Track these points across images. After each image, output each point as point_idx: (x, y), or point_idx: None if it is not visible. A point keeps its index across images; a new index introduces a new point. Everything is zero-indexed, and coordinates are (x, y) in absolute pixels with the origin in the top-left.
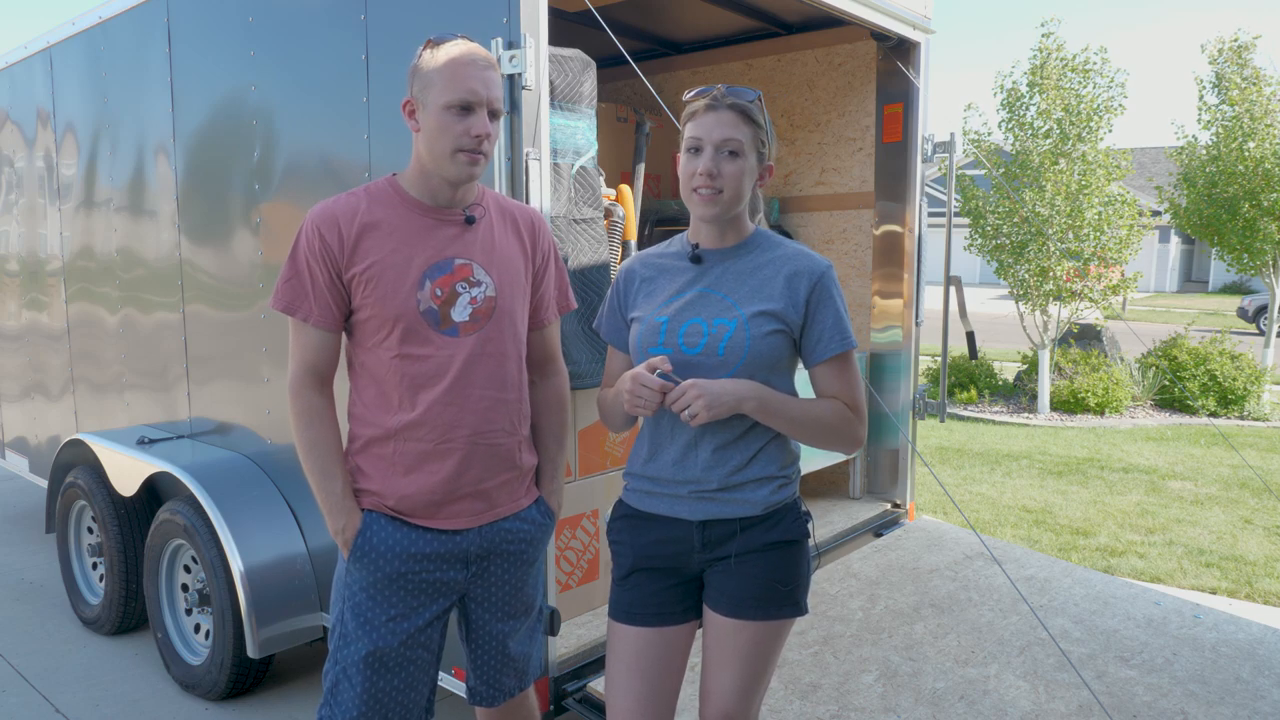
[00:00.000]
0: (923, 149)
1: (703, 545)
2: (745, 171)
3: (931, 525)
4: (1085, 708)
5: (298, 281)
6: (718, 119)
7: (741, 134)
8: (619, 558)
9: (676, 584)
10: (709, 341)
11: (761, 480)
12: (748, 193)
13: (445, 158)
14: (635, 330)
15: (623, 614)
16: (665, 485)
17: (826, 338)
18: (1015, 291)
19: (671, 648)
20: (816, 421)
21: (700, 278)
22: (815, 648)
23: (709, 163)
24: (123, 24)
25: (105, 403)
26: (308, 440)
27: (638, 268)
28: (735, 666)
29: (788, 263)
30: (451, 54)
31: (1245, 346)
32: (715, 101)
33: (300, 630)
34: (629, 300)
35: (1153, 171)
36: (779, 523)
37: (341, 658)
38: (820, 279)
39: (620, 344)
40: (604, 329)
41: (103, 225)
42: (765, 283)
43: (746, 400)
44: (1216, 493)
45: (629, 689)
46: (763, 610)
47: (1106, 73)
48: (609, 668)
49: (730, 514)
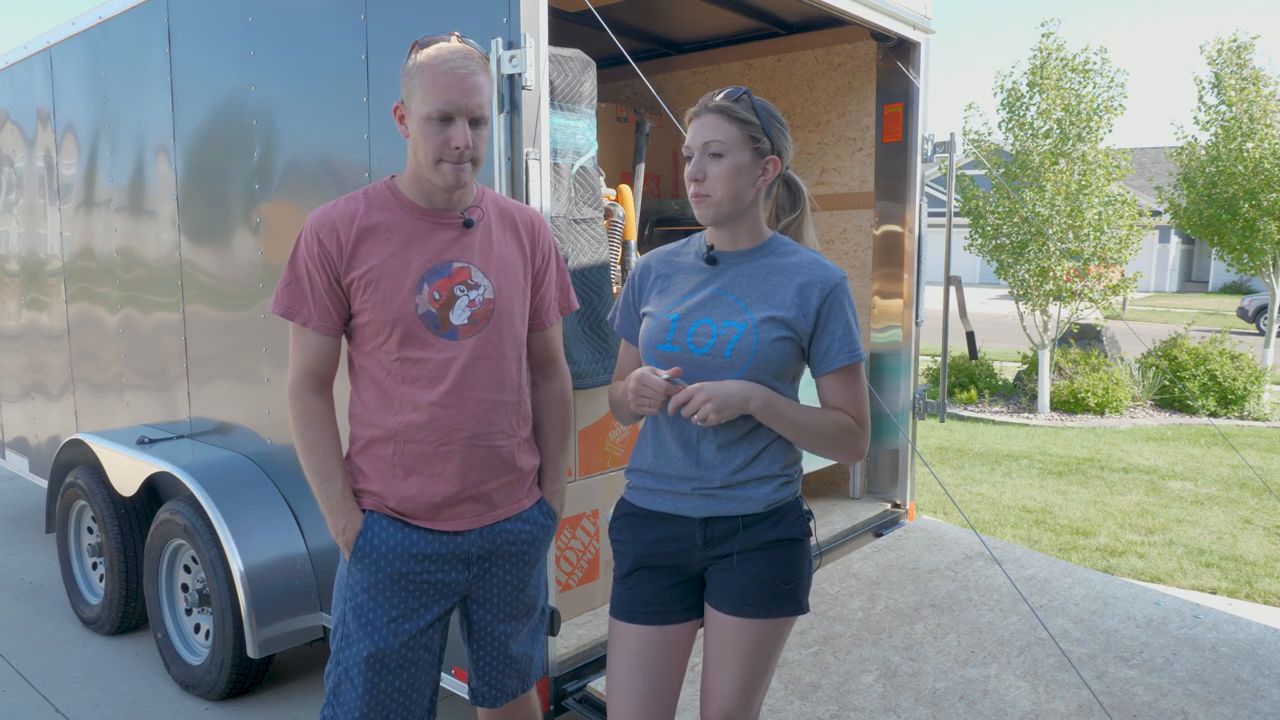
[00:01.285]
0: (923, 149)
1: (705, 543)
2: (733, 171)
3: (931, 525)
4: (1085, 708)
5: (297, 286)
6: (701, 124)
7: (722, 134)
8: (621, 556)
9: (679, 582)
10: (716, 343)
11: (764, 478)
12: (745, 192)
13: (430, 166)
14: (645, 325)
15: (624, 612)
16: (668, 482)
17: (835, 349)
18: (1015, 291)
19: (673, 647)
20: (819, 430)
21: (714, 279)
22: (815, 648)
23: (693, 167)
24: (123, 24)
25: (105, 403)
26: (307, 442)
27: (654, 264)
28: (736, 665)
29: (801, 272)
30: (432, 59)
31: (1245, 346)
32: (701, 108)
33: (300, 630)
34: (643, 295)
35: (1153, 171)
36: (781, 520)
37: (344, 658)
38: (833, 291)
39: (633, 338)
40: (617, 322)
41: (103, 225)
42: (777, 289)
43: (753, 400)
44: (1216, 493)
45: (630, 688)
46: (764, 608)
47: (1106, 73)
48: (610, 666)
49: (732, 511)
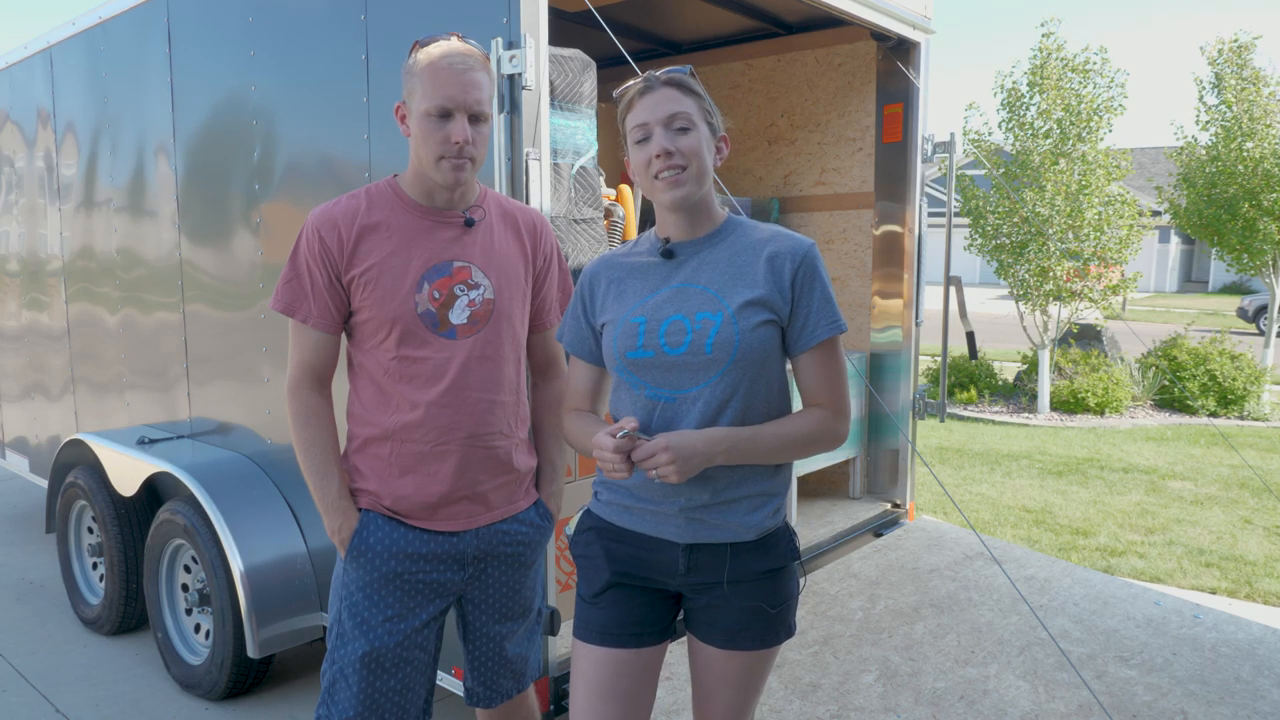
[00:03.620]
0: (923, 149)
1: (688, 569)
2: (702, 143)
3: (931, 525)
4: (1085, 708)
5: (297, 283)
6: (657, 98)
7: (687, 106)
8: (589, 572)
9: (655, 600)
10: (694, 339)
11: (756, 497)
12: (710, 167)
13: (430, 164)
14: (609, 335)
15: (595, 635)
16: (650, 502)
17: (814, 321)
18: (1015, 291)
19: (646, 670)
20: (793, 442)
21: (675, 272)
22: (815, 648)
23: (663, 141)
24: (123, 24)
25: (105, 403)
26: (305, 440)
27: (602, 270)
28: (730, 692)
29: (767, 244)
30: (432, 57)
31: (1245, 346)
32: (649, 83)
33: (300, 630)
34: (595, 305)
35: (1152, 171)
36: (772, 548)
37: (339, 657)
38: (804, 258)
39: (584, 354)
40: (566, 338)
41: (103, 225)
42: (745, 268)
43: (717, 456)
44: (1216, 493)
45: (602, 715)
46: (758, 639)
47: (1106, 73)
48: (577, 694)
49: (721, 539)
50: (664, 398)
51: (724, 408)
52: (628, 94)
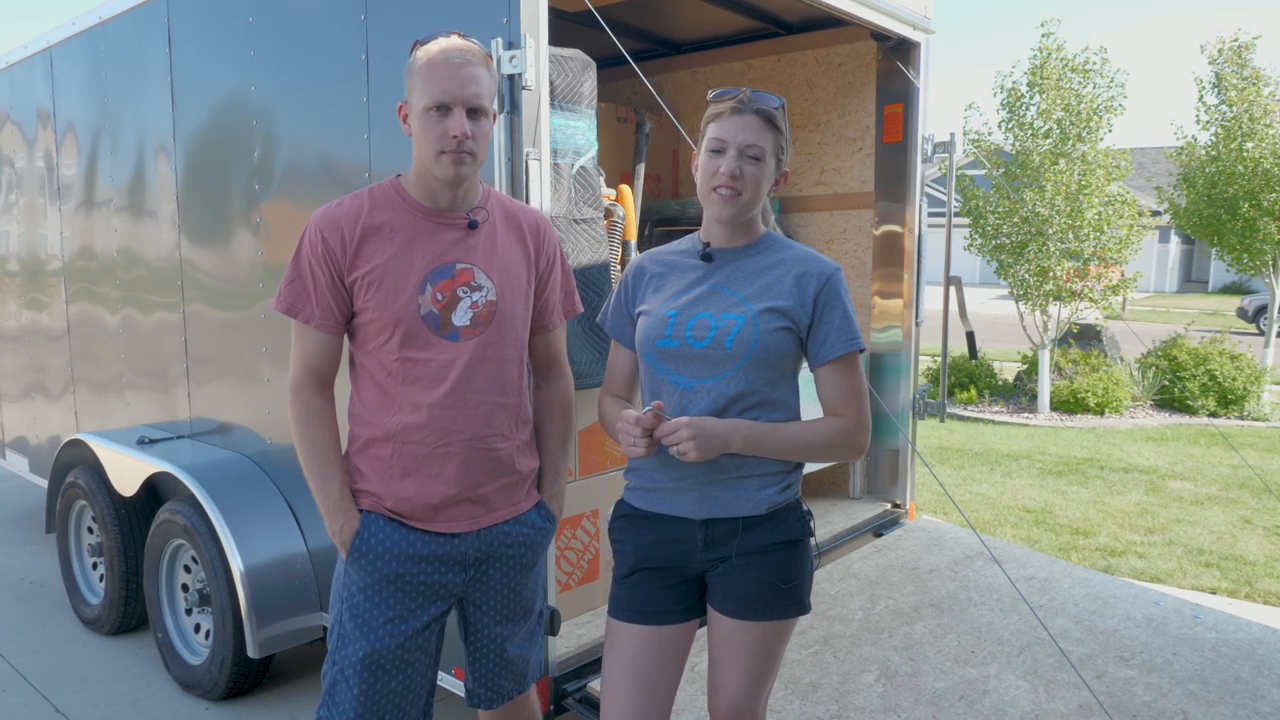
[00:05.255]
0: (923, 149)
1: (705, 544)
2: (765, 176)
3: (931, 525)
4: (1085, 708)
5: (300, 284)
6: (743, 123)
7: (764, 140)
8: (620, 556)
9: (678, 583)
10: (716, 335)
11: (766, 475)
12: (764, 196)
13: (431, 160)
14: (642, 324)
15: (623, 612)
16: (668, 480)
17: (833, 338)
18: (1015, 291)
19: (669, 648)
20: (811, 444)
21: (710, 275)
22: (815, 648)
23: (732, 164)
24: (123, 24)
25: (105, 403)
26: (307, 441)
27: (648, 264)
28: (743, 664)
29: (797, 264)
30: (431, 54)
31: (1245, 346)
32: (741, 105)
33: (300, 630)
34: (637, 295)
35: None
36: (782, 522)
37: (339, 659)
38: (829, 281)
39: (624, 339)
40: (609, 323)
41: (103, 225)
42: (775, 282)
43: (734, 443)
44: (1216, 493)
45: (623, 687)
46: (769, 610)
47: (1106, 73)
48: (605, 666)
49: (733, 512)
50: (682, 385)
51: (734, 400)
52: (721, 106)
